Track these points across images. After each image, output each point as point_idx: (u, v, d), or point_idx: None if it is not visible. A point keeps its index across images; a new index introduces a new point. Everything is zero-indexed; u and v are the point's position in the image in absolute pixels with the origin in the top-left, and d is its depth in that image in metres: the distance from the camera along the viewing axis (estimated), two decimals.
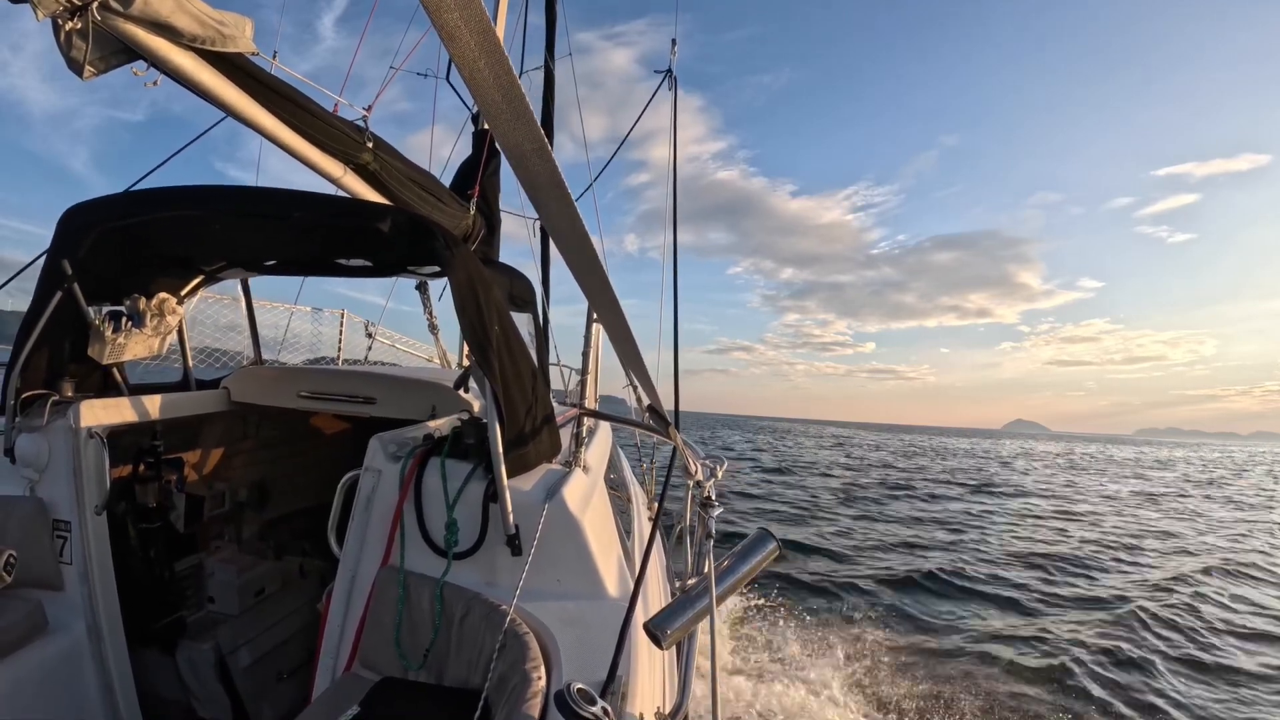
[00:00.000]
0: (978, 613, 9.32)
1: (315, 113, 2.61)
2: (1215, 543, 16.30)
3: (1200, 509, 23.84)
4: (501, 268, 4.24)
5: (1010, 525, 17.41)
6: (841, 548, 13.19)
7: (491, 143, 4.43)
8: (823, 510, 18.34)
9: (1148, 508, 23.38)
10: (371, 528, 2.20)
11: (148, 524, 2.80)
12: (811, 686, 6.35)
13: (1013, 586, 10.82)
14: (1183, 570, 12.56)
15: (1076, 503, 23.54)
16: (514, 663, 1.68)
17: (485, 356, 2.10)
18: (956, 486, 26.82)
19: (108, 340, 2.50)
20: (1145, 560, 13.62)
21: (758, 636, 7.70)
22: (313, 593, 3.43)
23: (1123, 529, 17.85)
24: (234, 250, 2.86)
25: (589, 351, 4.03)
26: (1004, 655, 7.59)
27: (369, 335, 6.38)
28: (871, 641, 7.80)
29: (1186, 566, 12.98)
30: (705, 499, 1.87)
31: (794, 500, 20.00)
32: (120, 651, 2.41)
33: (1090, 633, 8.57)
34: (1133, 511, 22.00)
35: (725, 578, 1.31)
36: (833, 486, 24.32)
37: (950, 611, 9.29)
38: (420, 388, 3.21)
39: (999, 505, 21.62)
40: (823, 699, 6.13)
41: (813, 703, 6.04)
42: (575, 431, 2.58)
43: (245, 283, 3.56)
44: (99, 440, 2.41)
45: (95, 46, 1.64)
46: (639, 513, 4.72)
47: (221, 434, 3.49)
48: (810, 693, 6.23)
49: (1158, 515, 21.37)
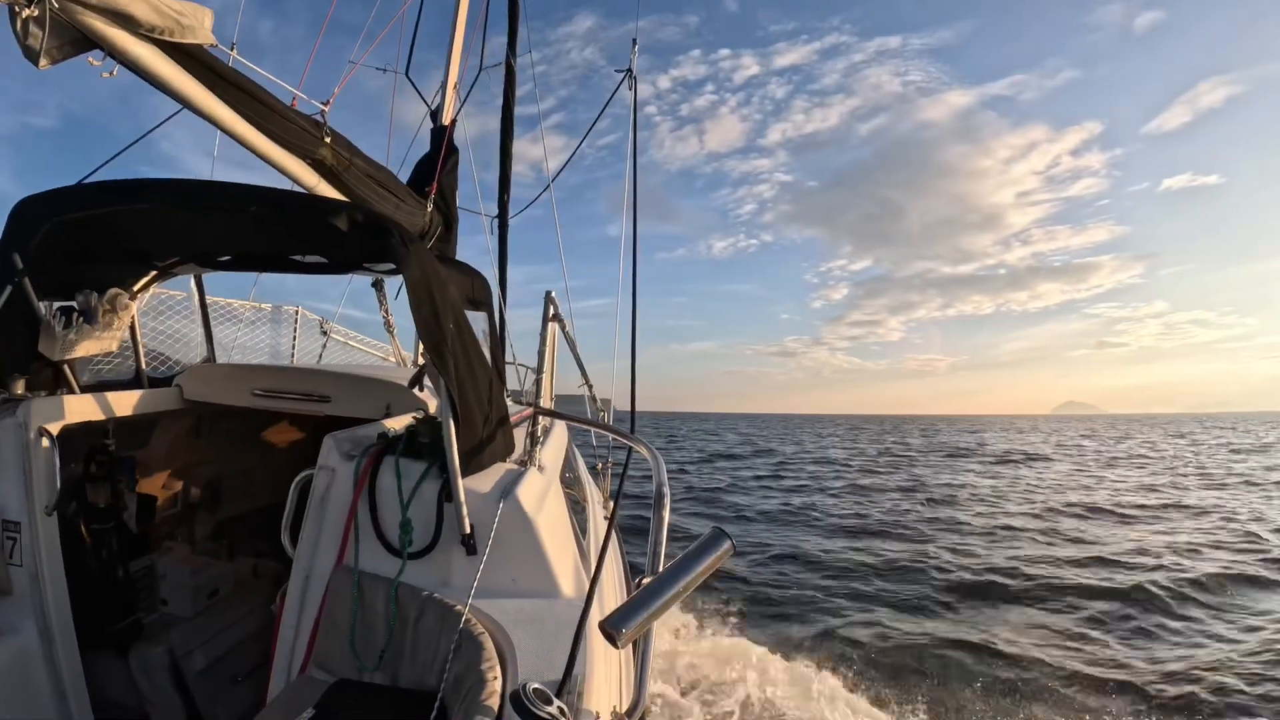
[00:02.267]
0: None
1: (273, 106, 2.58)
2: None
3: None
4: (458, 266, 4.22)
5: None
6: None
7: (450, 139, 4.42)
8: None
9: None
10: (326, 527, 2.19)
11: (99, 525, 2.72)
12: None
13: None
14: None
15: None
16: (469, 663, 1.69)
17: (440, 355, 2.10)
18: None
19: (59, 337, 2.44)
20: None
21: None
22: (267, 594, 3.38)
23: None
24: (188, 245, 2.80)
25: (544, 350, 4.05)
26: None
27: (324, 333, 6.27)
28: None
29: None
30: (660, 497, 1.88)
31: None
32: (72, 655, 2.35)
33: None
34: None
35: (680, 576, 1.30)
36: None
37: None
38: (375, 386, 3.20)
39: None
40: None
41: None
42: (530, 430, 2.60)
43: (199, 278, 3.50)
44: (49, 439, 2.35)
45: (52, 35, 1.62)
46: (595, 512, 4.74)
47: (174, 433, 3.41)
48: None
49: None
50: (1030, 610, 9.22)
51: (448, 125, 4.69)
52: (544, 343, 4.04)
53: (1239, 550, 12.48)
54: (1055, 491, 21.24)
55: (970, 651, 7.68)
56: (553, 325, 3.74)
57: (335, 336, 6.39)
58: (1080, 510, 17.32)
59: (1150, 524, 15.50)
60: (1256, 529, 14.32)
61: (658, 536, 1.76)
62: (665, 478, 1.95)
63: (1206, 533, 14.20)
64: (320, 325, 6.36)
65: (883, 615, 9.05)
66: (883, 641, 8.04)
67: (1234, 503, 18.44)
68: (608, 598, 2.74)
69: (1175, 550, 12.47)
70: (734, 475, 27.46)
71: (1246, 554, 12.13)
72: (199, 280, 3.53)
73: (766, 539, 14.24)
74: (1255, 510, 16.95)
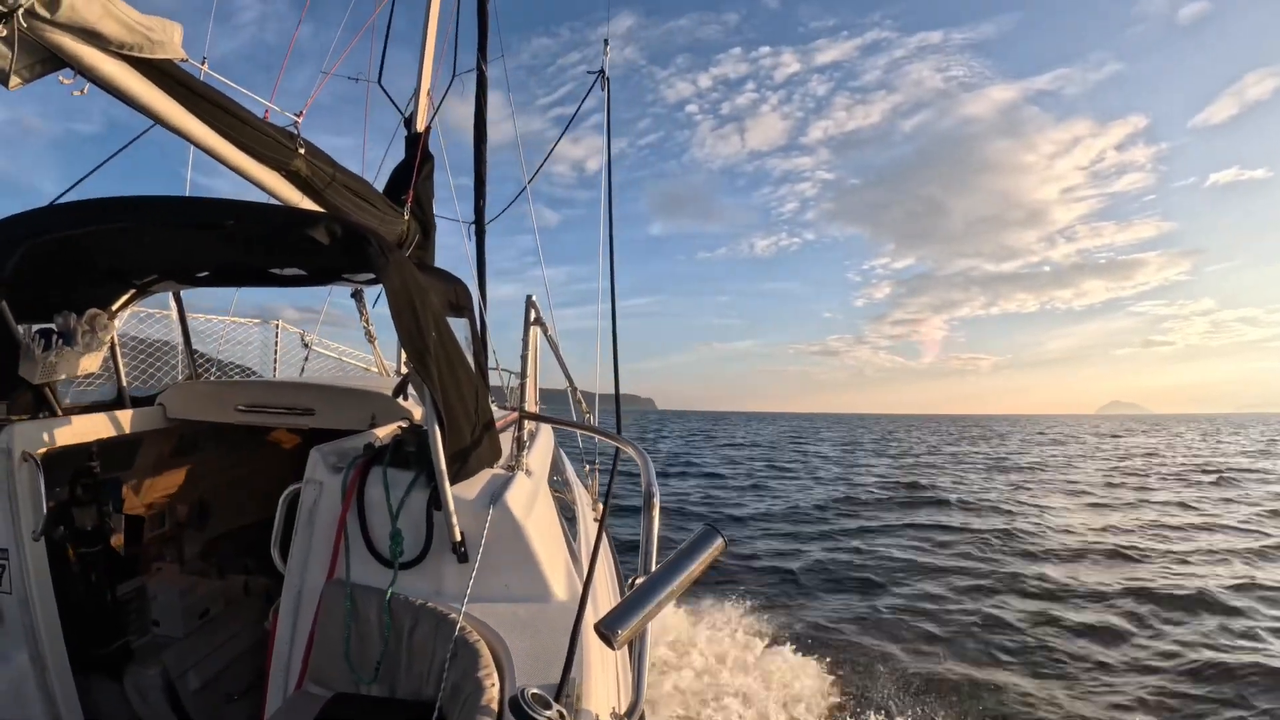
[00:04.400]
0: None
1: (246, 119, 2.57)
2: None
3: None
4: (437, 273, 4.21)
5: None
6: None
7: (425, 147, 4.41)
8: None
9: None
10: (315, 541, 2.18)
11: (87, 548, 2.69)
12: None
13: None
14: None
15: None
16: (466, 671, 1.69)
17: (423, 363, 2.09)
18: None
19: (38, 359, 2.42)
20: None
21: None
22: (259, 610, 3.36)
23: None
24: (166, 262, 2.78)
25: (528, 354, 4.05)
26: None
27: (305, 345, 6.23)
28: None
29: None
30: (649, 496, 1.86)
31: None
32: (66, 680, 2.33)
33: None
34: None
35: (673, 575, 1.30)
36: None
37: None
38: (359, 397, 3.19)
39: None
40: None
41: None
42: (516, 435, 2.60)
43: (178, 295, 3.47)
44: (34, 463, 2.32)
45: (21, 55, 1.61)
46: (585, 514, 4.74)
47: (159, 452, 3.38)
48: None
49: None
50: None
51: (422, 132, 4.69)
52: (527, 346, 4.03)
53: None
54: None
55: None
56: (535, 329, 3.74)
57: (318, 349, 6.35)
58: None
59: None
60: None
61: (649, 536, 1.76)
62: (654, 477, 1.96)
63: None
64: (301, 338, 6.32)
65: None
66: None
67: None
68: (601, 599, 2.75)
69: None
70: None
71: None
72: (178, 297, 3.50)
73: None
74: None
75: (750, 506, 17.97)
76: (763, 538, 13.80)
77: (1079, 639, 7.93)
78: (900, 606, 9.17)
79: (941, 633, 8.15)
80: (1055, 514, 16.46)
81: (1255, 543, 13.00)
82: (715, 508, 17.76)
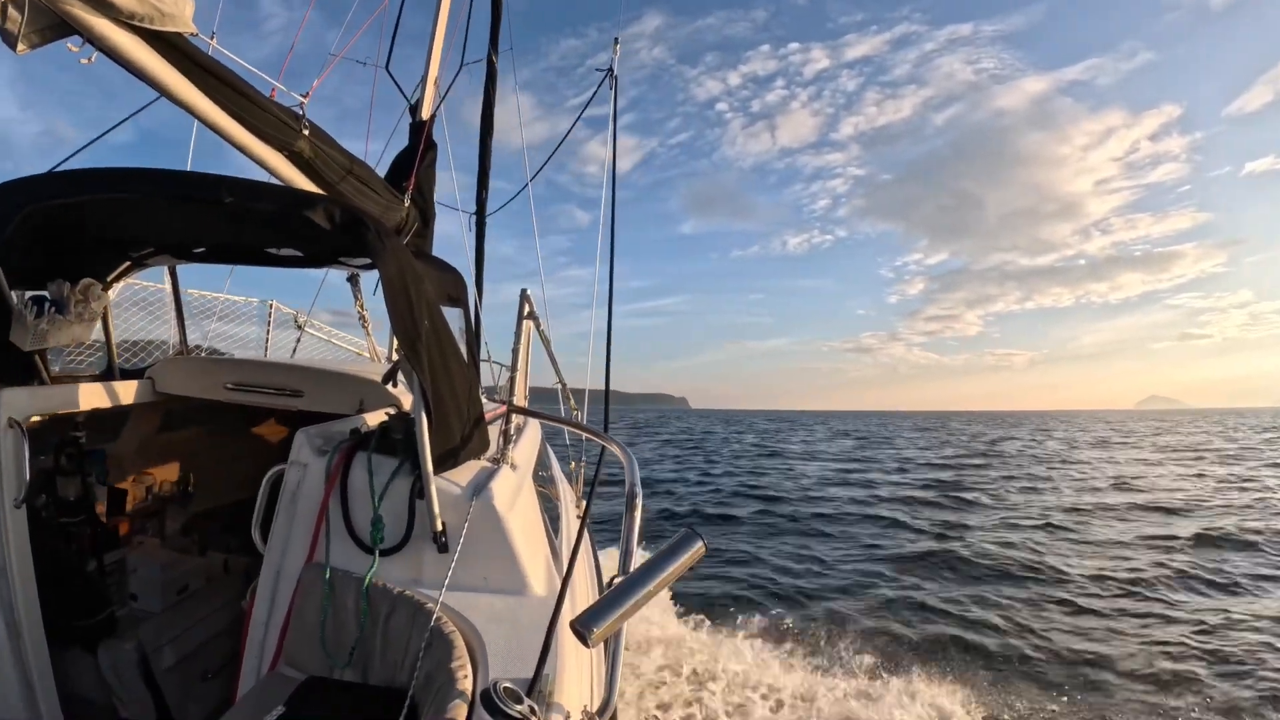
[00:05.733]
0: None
1: (252, 97, 2.55)
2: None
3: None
4: (435, 261, 4.21)
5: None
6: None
7: (428, 134, 4.40)
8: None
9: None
10: (296, 523, 2.18)
11: (69, 518, 2.68)
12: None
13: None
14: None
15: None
16: (440, 661, 1.69)
17: (415, 351, 2.09)
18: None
19: (30, 326, 2.40)
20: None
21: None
22: (237, 590, 3.35)
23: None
24: (162, 235, 2.77)
25: (519, 348, 4.04)
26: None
27: (298, 327, 6.20)
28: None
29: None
30: (632, 496, 1.87)
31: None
32: (40, 650, 2.32)
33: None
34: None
35: (652, 576, 1.30)
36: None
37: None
38: (348, 381, 3.18)
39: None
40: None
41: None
42: (504, 428, 2.61)
43: (173, 270, 3.45)
44: (19, 430, 2.31)
45: (30, 19, 1.60)
46: (568, 511, 4.75)
47: (146, 426, 3.36)
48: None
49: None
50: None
51: (426, 120, 4.67)
52: (519, 340, 4.02)
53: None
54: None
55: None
56: (527, 323, 3.74)
57: (310, 331, 6.33)
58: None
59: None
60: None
61: (630, 536, 1.76)
62: (638, 477, 1.96)
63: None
64: (295, 319, 6.29)
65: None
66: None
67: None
68: (580, 597, 2.75)
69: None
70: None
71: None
72: (173, 272, 3.48)
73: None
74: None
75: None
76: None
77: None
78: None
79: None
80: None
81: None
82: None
